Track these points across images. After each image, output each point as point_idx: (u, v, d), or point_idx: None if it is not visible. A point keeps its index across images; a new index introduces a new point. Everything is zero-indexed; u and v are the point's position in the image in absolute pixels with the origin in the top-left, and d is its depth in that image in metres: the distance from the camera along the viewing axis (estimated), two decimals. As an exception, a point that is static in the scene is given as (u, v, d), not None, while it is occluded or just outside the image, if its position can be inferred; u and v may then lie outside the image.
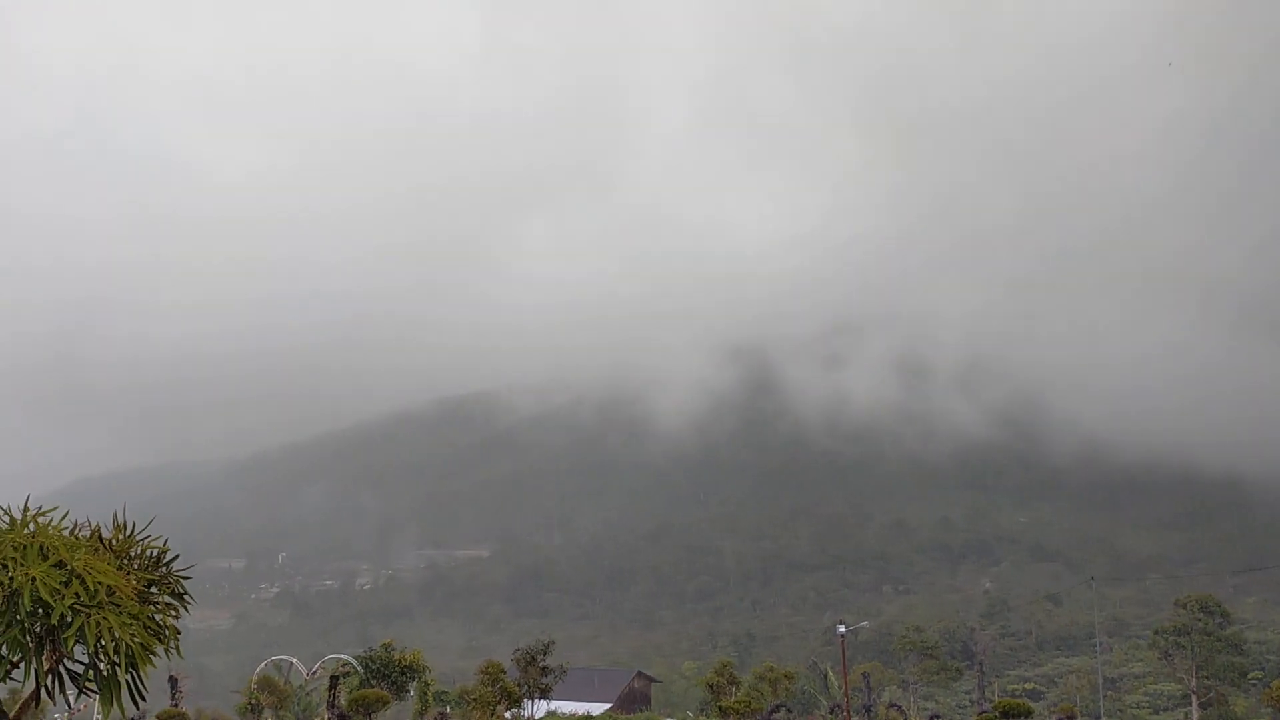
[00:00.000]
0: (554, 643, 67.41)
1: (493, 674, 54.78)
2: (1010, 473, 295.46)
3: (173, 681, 65.68)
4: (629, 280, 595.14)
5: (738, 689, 67.55)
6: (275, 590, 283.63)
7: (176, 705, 65.80)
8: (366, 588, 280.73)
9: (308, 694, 79.68)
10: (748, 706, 49.73)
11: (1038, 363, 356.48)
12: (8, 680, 13.69)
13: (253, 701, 70.64)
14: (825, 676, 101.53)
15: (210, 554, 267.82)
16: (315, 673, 76.56)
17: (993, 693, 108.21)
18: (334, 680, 66.20)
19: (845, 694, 76.18)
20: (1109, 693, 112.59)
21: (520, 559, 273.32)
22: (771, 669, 75.65)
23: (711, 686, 67.54)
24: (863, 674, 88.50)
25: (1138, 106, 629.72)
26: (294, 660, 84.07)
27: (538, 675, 63.50)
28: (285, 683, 78.64)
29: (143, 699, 14.53)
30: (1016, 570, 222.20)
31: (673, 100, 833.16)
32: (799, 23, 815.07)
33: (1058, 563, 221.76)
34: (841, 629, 75.79)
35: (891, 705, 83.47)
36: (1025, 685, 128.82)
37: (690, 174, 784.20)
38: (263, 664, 79.16)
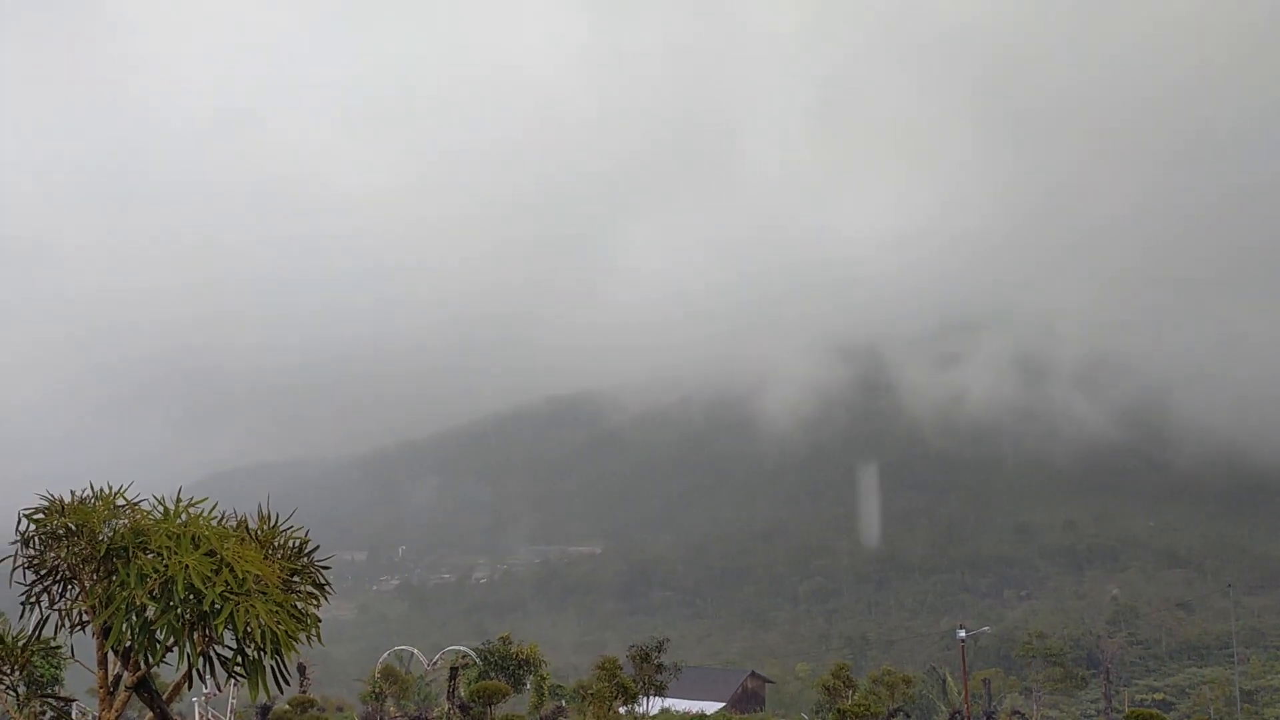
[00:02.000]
0: (668, 640, 67.56)
1: (609, 670, 55.17)
2: (1138, 475, 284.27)
3: (301, 669, 68.05)
4: (739, 279, 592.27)
5: (854, 692, 66.66)
6: (395, 583, 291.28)
7: (305, 691, 68.17)
8: (482, 581, 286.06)
9: (428, 684, 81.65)
10: (866, 710, 49.01)
11: (1164, 360, 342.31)
12: (162, 663, 14.36)
13: (376, 690, 72.74)
14: (944, 682, 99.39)
15: (333, 547, 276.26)
16: (435, 663, 78.41)
17: (1120, 702, 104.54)
18: (454, 671, 67.77)
19: (965, 700, 74.44)
20: (1246, 705, 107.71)
21: (631, 556, 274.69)
22: (889, 672, 74.41)
23: (828, 689, 66.82)
24: (983, 680, 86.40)
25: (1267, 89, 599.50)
26: (415, 651, 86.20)
27: (652, 672, 63.73)
28: (406, 672, 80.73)
29: (286, 683, 15.06)
30: (1145, 576, 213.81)
31: (783, 98, 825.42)
32: (910, 16, 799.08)
33: (1189, 569, 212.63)
34: (962, 633, 74.11)
35: (1014, 713, 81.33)
36: (1155, 695, 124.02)
37: (801, 171, 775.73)
38: (385, 654, 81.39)
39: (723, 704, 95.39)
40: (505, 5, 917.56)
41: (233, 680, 14.45)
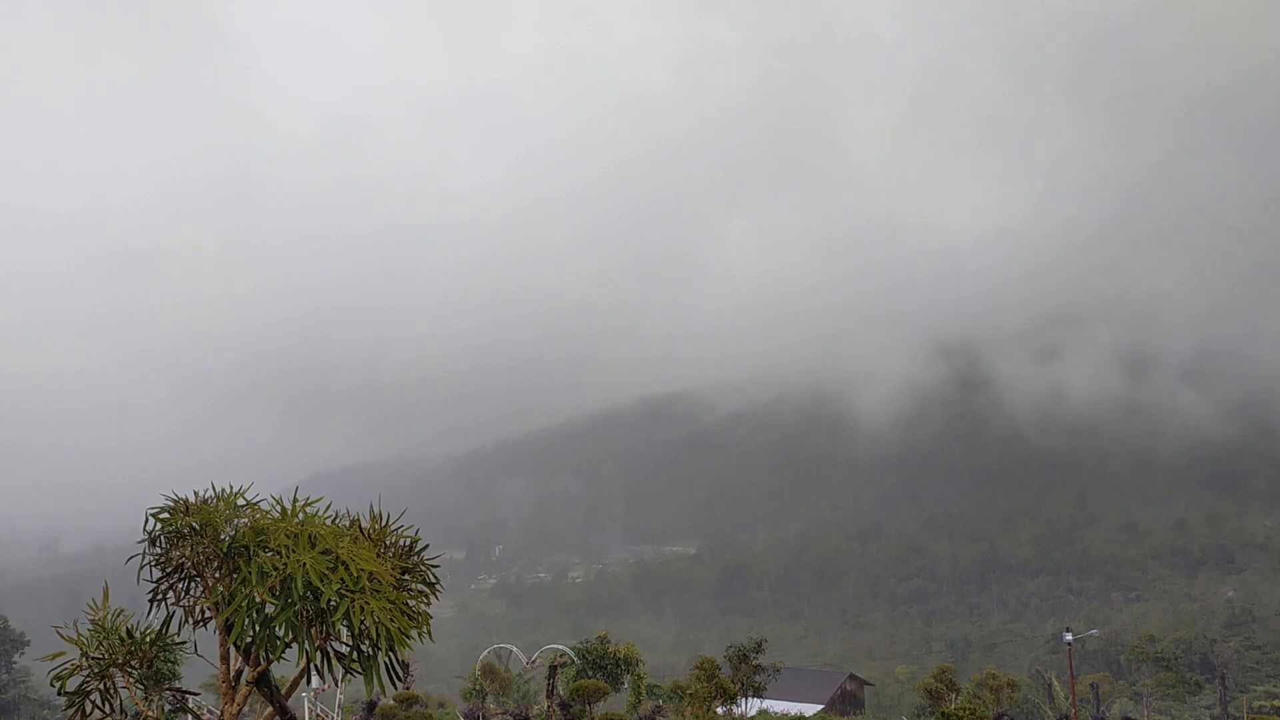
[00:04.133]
0: (766, 641, 67.08)
1: (708, 670, 55.01)
2: (1252, 472, 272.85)
3: (405, 666, 69.46)
4: (834, 277, 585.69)
5: (957, 695, 65.34)
6: (493, 581, 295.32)
7: (409, 688, 69.51)
8: (578, 581, 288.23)
9: (526, 681, 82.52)
10: (971, 714, 47.93)
11: (1276, 356, 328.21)
12: (281, 659, 14.77)
13: (477, 687, 73.74)
14: (1050, 686, 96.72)
15: (433, 545, 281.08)
16: (534, 661, 79.16)
17: (1237, 709, 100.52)
18: (553, 669, 68.36)
19: (1073, 705, 72.42)
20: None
21: (727, 556, 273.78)
22: (994, 676, 72.67)
23: (930, 692, 65.63)
24: (1091, 685, 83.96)
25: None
26: (514, 649, 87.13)
27: (750, 673, 63.34)
28: (506, 670, 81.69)
29: (399, 679, 15.36)
30: (1262, 579, 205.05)
31: (878, 93, 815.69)
32: (1003, 9, 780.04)
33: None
34: (1068, 637, 72.19)
35: (1124, 718, 78.84)
36: (1274, 703, 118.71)
37: (897, 167, 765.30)
38: (485, 651, 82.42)
39: (821, 706, 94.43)
40: (601, 9, 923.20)
41: (342, 676, 14.78)
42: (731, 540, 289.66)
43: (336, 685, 15.09)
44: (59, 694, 14.76)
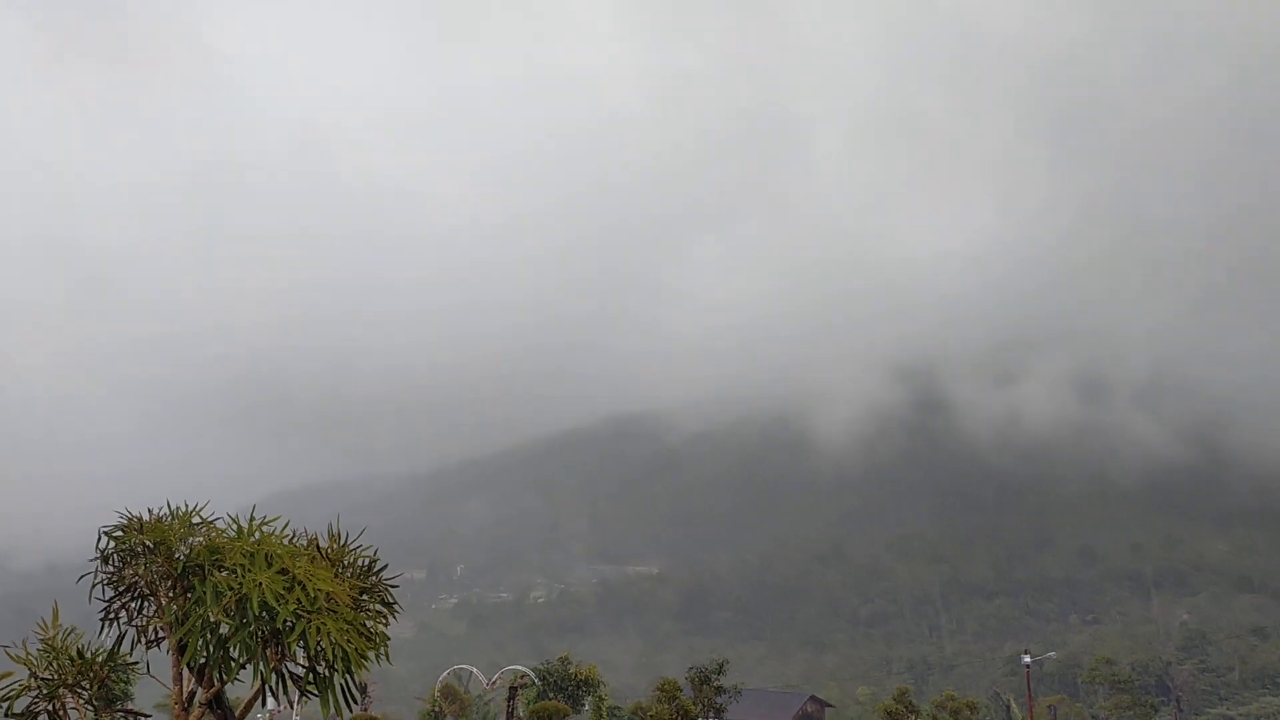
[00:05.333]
0: (728, 662, 67.07)
1: (669, 692, 54.90)
2: (1206, 496, 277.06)
3: (362, 687, 68.66)
4: (795, 298, 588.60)
5: (917, 717, 65.64)
6: (454, 601, 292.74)
7: (365, 709, 68.71)
8: (540, 600, 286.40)
9: (486, 703, 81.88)
10: (930, 735, 48.22)
11: (1228, 379, 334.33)
12: (236, 680, 14.60)
13: (436, 708, 73.07)
14: (1008, 708, 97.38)
15: (394, 565, 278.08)
16: (495, 683, 78.54)
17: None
18: (513, 691, 67.90)
19: (1031, 726, 72.91)
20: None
21: (690, 576, 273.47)
22: (952, 698, 73.15)
23: (890, 714, 65.89)
24: (1049, 706, 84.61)
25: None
26: (474, 670, 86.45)
27: (712, 695, 63.28)
28: (465, 691, 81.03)
29: (355, 701, 15.22)
30: (1216, 602, 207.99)
31: (839, 118, 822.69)
32: (965, 30, 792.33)
33: (1263, 594, 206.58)
34: (1026, 659, 72.88)
35: (1082, 740, 79.43)
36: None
37: (857, 189, 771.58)
38: (445, 672, 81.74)
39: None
40: (574, 29, 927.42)
41: (298, 698, 14.61)
42: (694, 560, 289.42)
43: (292, 707, 14.90)
44: (6, 715, 14.47)
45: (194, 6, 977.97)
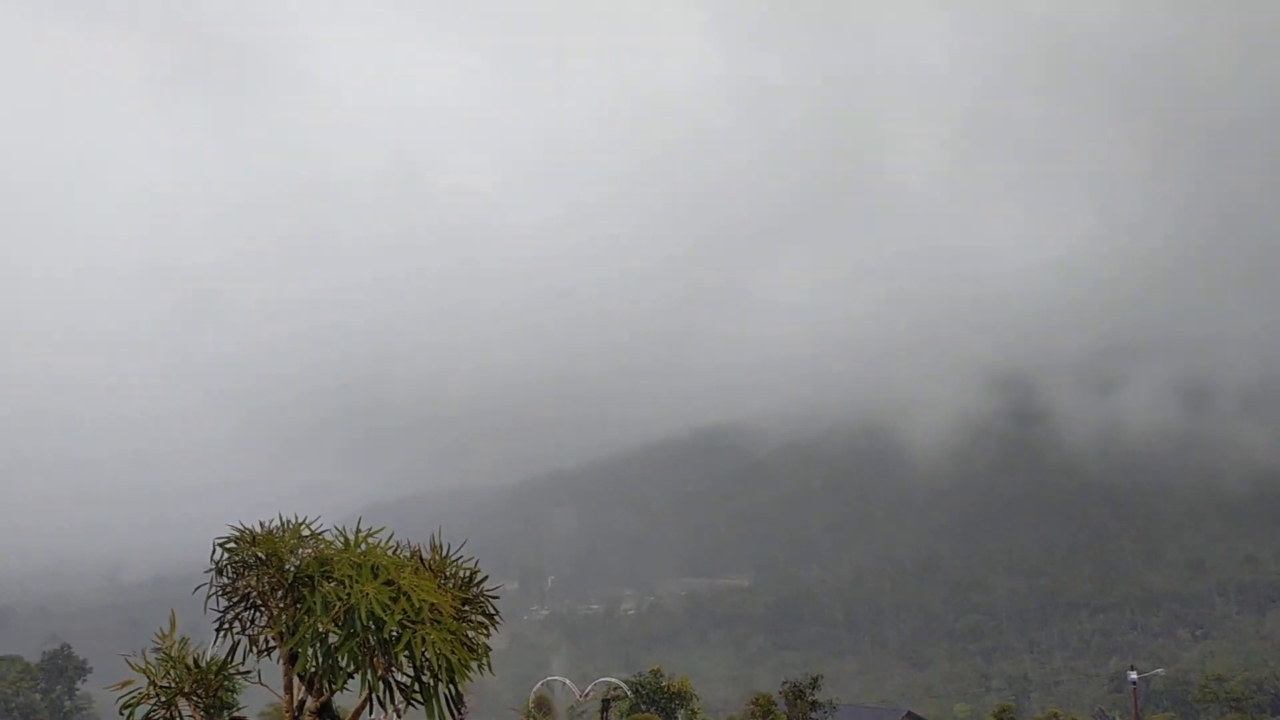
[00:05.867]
0: (822, 677, 66.20)
1: (763, 706, 54.41)
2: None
3: (459, 697, 69.46)
4: (886, 308, 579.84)
5: (1019, 734, 63.92)
6: (545, 612, 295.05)
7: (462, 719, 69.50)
8: (630, 613, 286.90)
9: (579, 715, 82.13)
10: (1034, 753, 46.96)
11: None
12: (344, 689, 14.88)
13: (530, 719, 73.52)
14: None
15: (488, 576, 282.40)
16: (588, 694, 78.77)
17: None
18: (606, 703, 68.03)
19: (1140, 746, 70.43)
20: None
21: (780, 590, 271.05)
22: (1056, 715, 71.10)
23: (991, 730, 64.27)
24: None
25: None
26: (566, 681, 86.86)
27: (806, 710, 62.51)
28: (559, 703, 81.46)
29: (457, 712, 15.38)
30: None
31: (927, 122, 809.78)
32: (1057, 33, 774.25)
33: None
34: (1133, 676, 70.44)
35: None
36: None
37: (947, 195, 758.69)
38: (539, 684, 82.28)
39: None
40: (655, 48, 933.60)
41: (401, 707, 14.81)
42: (785, 573, 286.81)
43: (399, 716, 15.10)
44: (127, 722, 14.95)
45: (290, 33, 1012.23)
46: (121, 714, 14.89)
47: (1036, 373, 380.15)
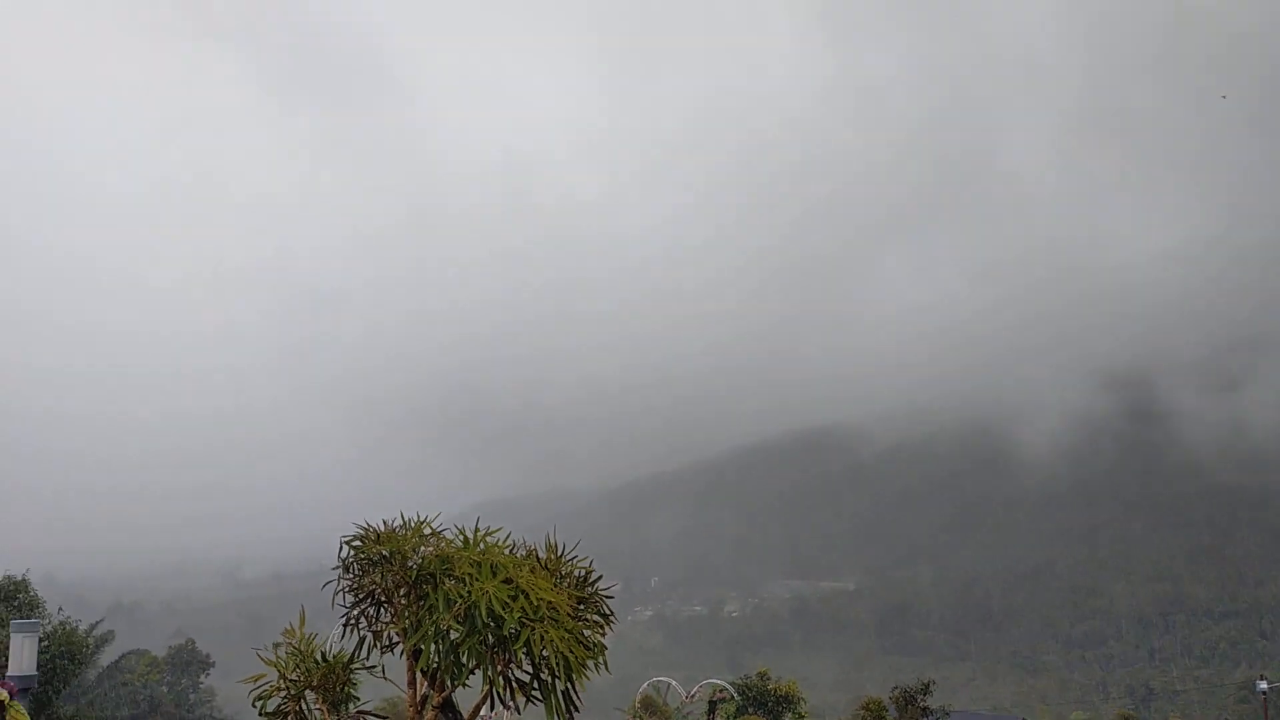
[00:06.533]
0: (934, 682, 65.02)
1: (874, 711, 53.74)
2: None
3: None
4: (996, 305, 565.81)
5: (1142, 745, 61.80)
6: (649, 613, 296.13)
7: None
8: (734, 614, 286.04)
9: (685, 716, 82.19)
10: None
11: None
12: (465, 685, 15.19)
13: (636, 719, 73.91)
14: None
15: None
16: (694, 695, 78.84)
17: None
18: (712, 705, 67.97)
19: (1273, 760, 67.39)
20: None
21: (887, 593, 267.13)
22: (1181, 725, 68.50)
23: (1111, 740, 62.27)
24: (1293, 739, 77.88)
25: None
26: (672, 682, 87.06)
27: (917, 716, 61.47)
28: (664, 703, 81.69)
29: (576, 709, 15.57)
30: None
31: (1038, 115, 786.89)
32: (1166, 15, 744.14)
33: None
34: (1262, 685, 67.55)
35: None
36: None
37: (1063, 190, 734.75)
38: (645, 684, 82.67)
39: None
40: (751, 44, 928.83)
41: (512, 705, 15.04)
42: (892, 577, 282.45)
43: (519, 712, 15.39)
44: (260, 714, 15.51)
45: (393, 46, 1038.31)
46: (254, 706, 15.46)
47: (1155, 370, 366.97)
